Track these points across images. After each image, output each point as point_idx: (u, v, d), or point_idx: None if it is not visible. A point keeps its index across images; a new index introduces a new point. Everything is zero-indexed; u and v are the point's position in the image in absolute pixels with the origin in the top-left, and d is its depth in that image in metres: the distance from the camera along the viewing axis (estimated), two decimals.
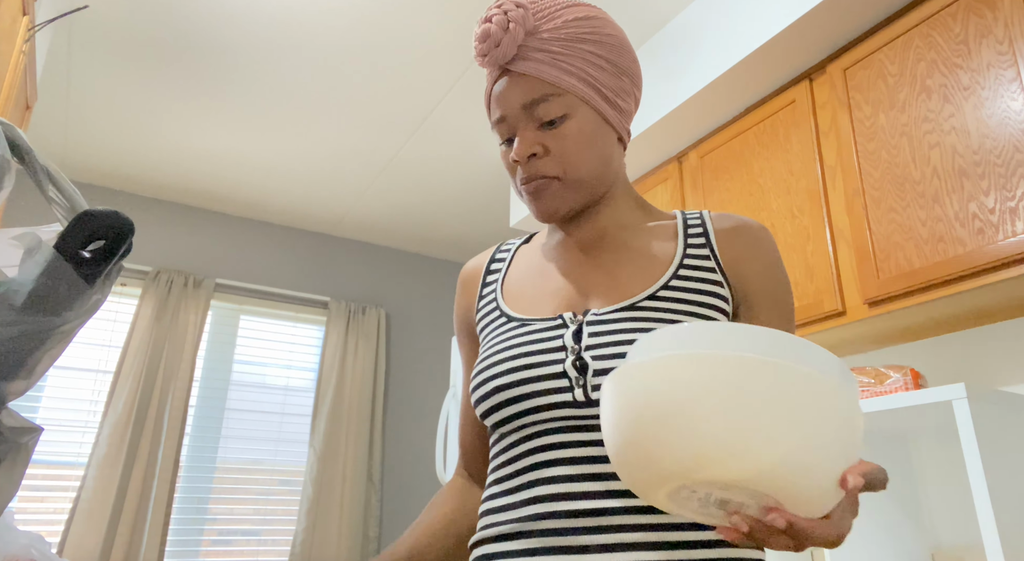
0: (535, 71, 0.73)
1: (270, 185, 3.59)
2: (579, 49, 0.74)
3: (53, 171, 0.54)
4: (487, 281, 0.88)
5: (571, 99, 0.74)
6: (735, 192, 2.19)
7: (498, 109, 0.77)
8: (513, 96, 0.75)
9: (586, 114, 0.75)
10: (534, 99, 0.74)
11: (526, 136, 0.75)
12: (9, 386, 0.49)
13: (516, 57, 0.74)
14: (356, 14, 2.39)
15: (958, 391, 1.39)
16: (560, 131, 0.74)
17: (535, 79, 0.74)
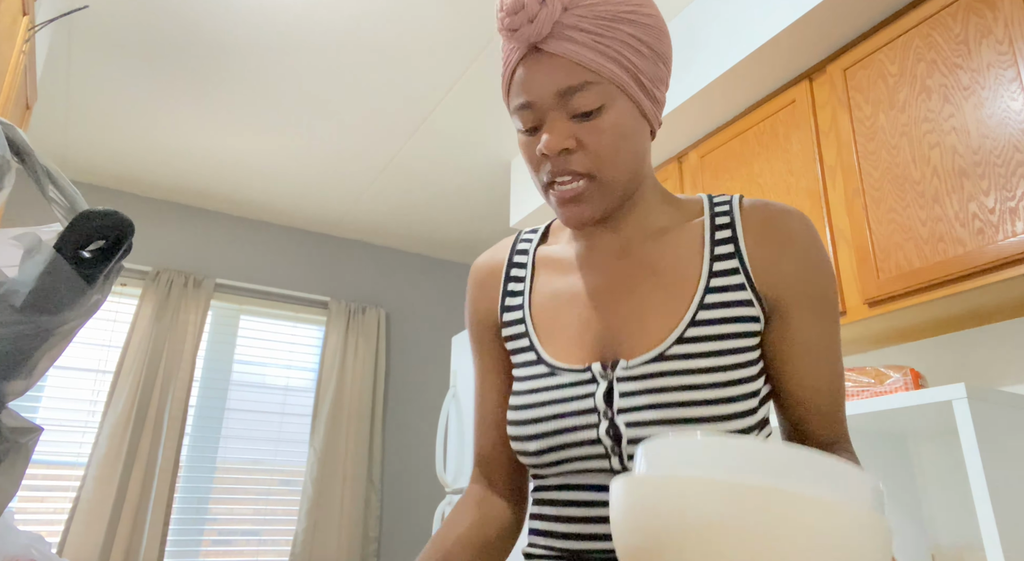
0: (573, 54, 0.65)
1: (270, 185, 3.59)
2: (619, 31, 0.66)
3: (53, 171, 0.54)
4: (510, 289, 0.82)
5: (610, 88, 0.66)
6: (735, 192, 2.19)
7: (524, 94, 0.68)
8: (546, 81, 0.66)
9: (624, 106, 0.67)
10: (571, 86, 0.65)
11: (558, 127, 0.67)
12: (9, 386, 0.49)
13: (550, 35, 0.65)
14: (357, 15, 2.39)
15: (958, 391, 1.39)
16: (596, 124, 0.66)
17: (572, 63, 0.65)
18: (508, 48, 0.70)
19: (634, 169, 0.70)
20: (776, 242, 0.71)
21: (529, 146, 0.71)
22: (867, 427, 1.79)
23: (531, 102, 0.68)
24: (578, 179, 0.68)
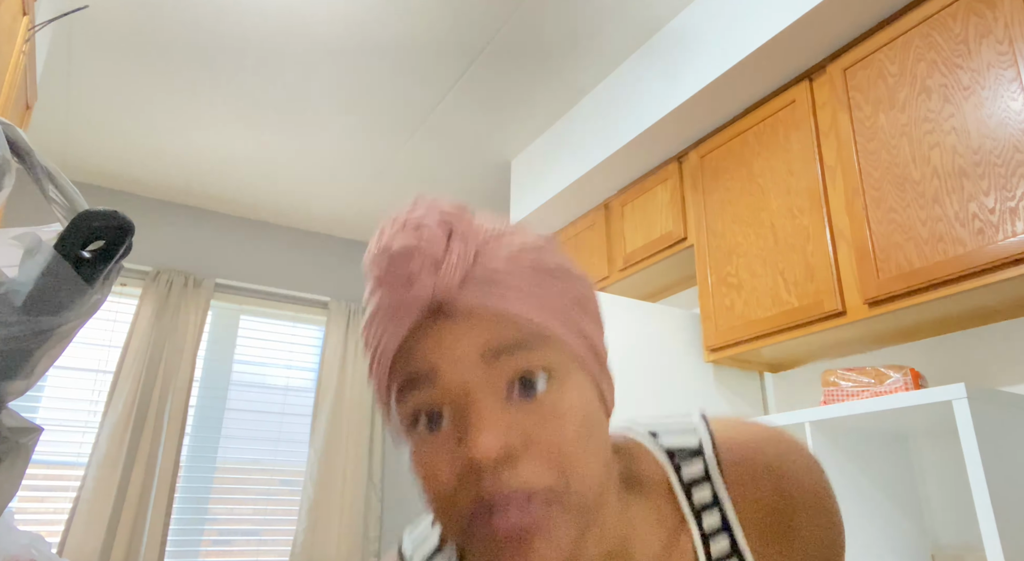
0: (504, 303, 0.43)
1: (270, 185, 3.59)
2: (552, 285, 0.46)
3: (53, 171, 0.54)
4: None
5: (558, 353, 0.44)
6: (735, 192, 2.19)
7: (426, 358, 0.43)
8: (468, 340, 0.43)
9: (578, 380, 0.45)
10: (508, 343, 0.43)
11: (491, 414, 0.41)
12: (9, 386, 0.49)
13: (461, 289, 0.43)
14: (357, 15, 2.39)
15: (958, 391, 1.39)
16: (548, 400, 0.43)
17: (502, 315, 0.43)
18: (388, 313, 0.45)
19: (604, 475, 0.45)
20: (780, 527, 0.52)
21: (433, 454, 0.43)
22: (867, 427, 1.79)
23: (437, 369, 0.43)
24: (531, 501, 0.41)
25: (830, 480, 0.54)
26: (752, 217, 2.12)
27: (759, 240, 2.07)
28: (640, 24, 2.44)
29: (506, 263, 0.44)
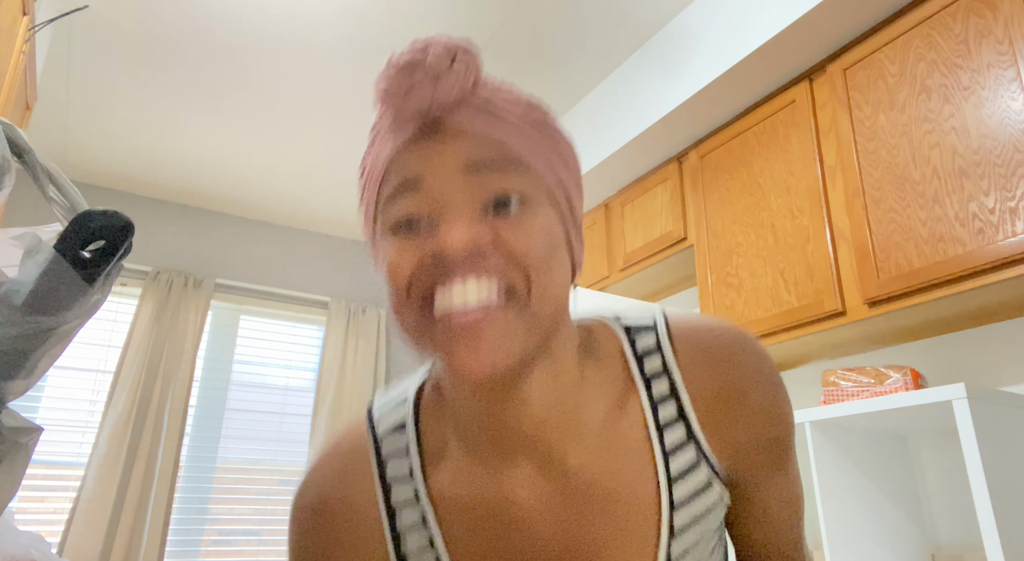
0: (492, 127, 0.46)
1: (270, 185, 3.59)
2: (541, 134, 0.49)
3: (53, 171, 0.54)
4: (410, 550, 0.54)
5: (537, 184, 0.47)
6: (735, 192, 2.19)
7: (416, 165, 0.46)
8: (453, 150, 0.46)
9: (550, 215, 0.48)
10: (487, 159, 0.45)
11: (467, 218, 0.45)
12: (9, 386, 0.49)
13: (456, 108, 0.46)
14: (356, 15, 2.39)
15: (958, 391, 1.39)
16: (521, 218, 0.46)
17: (488, 137, 0.46)
18: (387, 123, 0.48)
19: (562, 305, 0.49)
20: (730, 402, 0.53)
21: (404, 250, 0.46)
22: (867, 427, 1.79)
23: (419, 179, 0.45)
24: (490, 292, 0.44)
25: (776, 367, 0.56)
26: (752, 217, 2.12)
27: (759, 240, 2.07)
28: (640, 24, 2.44)
29: (502, 102, 0.48)
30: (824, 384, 1.80)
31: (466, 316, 0.44)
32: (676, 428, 0.53)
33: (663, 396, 0.53)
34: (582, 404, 0.52)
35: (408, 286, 0.45)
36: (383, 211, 0.48)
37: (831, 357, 2.16)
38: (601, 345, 0.56)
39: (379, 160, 0.48)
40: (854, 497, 1.70)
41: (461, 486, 0.53)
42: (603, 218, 2.82)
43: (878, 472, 1.79)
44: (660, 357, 0.54)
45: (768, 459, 0.55)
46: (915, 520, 1.80)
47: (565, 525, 0.51)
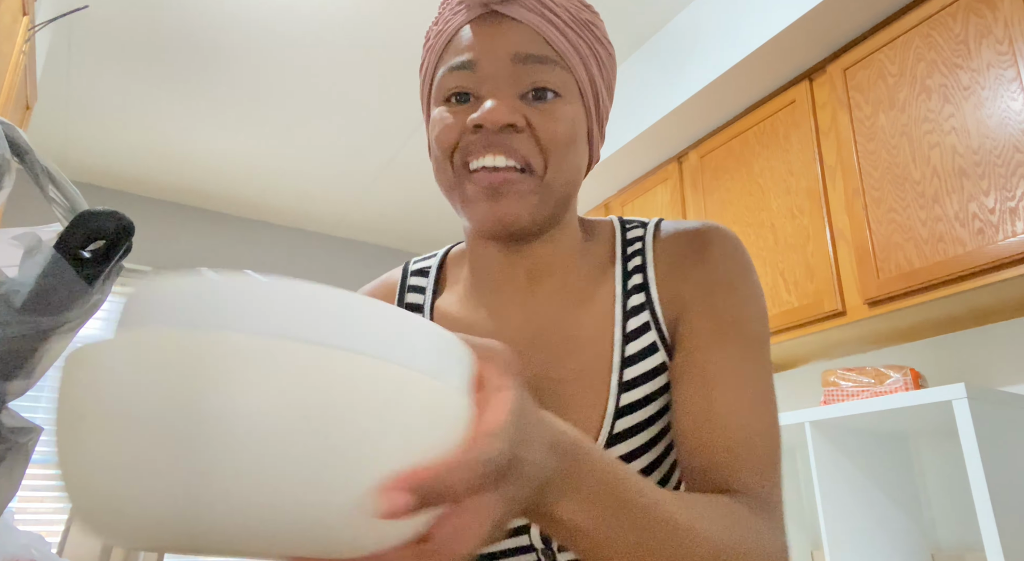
0: (540, 26, 0.54)
1: (270, 185, 3.59)
2: (586, 37, 0.57)
3: (53, 171, 0.54)
4: None
5: (570, 81, 0.56)
6: (735, 192, 2.19)
7: (467, 51, 0.54)
8: (503, 41, 0.54)
9: (579, 109, 0.57)
10: (532, 54, 0.54)
11: (507, 98, 0.53)
12: (9, 386, 0.49)
13: (516, 2, 0.55)
14: (356, 14, 2.39)
15: (958, 391, 1.39)
16: (552, 109, 0.54)
17: (537, 34, 0.54)
18: (451, 8, 0.57)
19: (575, 186, 0.58)
20: (682, 266, 0.59)
21: (452, 117, 0.55)
22: (867, 427, 1.79)
23: (475, 61, 0.54)
24: (514, 168, 0.54)
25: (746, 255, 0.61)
26: (752, 217, 2.12)
27: (759, 240, 2.08)
28: (640, 24, 2.44)
29: (556, 2, 0.55)
30: (824, 384, 1.80)
31: (491, 178, 0.53)
32: (639, 295, 0.60)
33: (635, 268, 0.61)
34: (571, 269, 0.62)
35: (451, 150, 0.55)
36: (439, 80, 0.56)
37: (831, 357, 2.16)
38: (599, 230, 0.66)
39: (442, 35, 0.57)
40: (854, 497, 1.70)
41: (458, 321, 0.64)
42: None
43: (878, 472, 1.79)
44: (642, 241, 0.63)
45: (712, 328, 0.56)
46: (915, 520, 1.80)
47: (536, 363, 0.60)
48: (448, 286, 0.67)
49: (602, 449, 0.41)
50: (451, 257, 0.70)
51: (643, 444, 0.57)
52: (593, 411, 0.57)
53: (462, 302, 0.65)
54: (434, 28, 0.58)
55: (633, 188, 2.68)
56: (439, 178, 0.57)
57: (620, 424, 0.57)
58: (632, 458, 0.57)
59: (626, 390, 0.57)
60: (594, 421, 0.57)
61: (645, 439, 0.57)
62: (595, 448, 0.39)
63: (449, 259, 0.70)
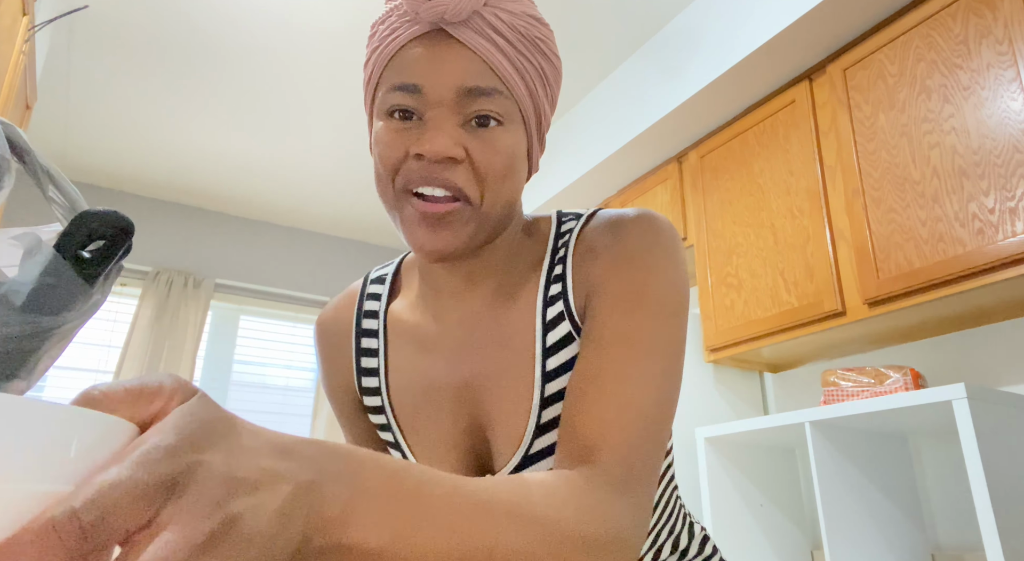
0: (489, 54, 0.54)
1: (270, 185, 3.59)
2: (533, 56, 0.57)
3: (53, 171, 0.54)
4: (364, 366, 0.69)
5: (513, 108, 0.57)
6: (735, 192, 2.19)
7: (417, 75, 0.54)
8: (453, 71, 0.54)
9: (519, 133, 0.58)
10: (479, 87, 0.54)
11: (448, 129, 0.54)
12: (9, 386, 0.49)
13: (466, 23, 0.54)
14: (356, 14, 2.39)
15: (958, 391, 1.39)
16: (492, 139, 0.55)
17: (485, 64, 0.55)
18: (400, 19, 0.56)
19: (511, 206, 0.59)
20: (595, 249, 0.60)
21: (395, 137, 0.56)
22: (867, 427, 1.79)
23: (420, 86, 0.54)
24: (453, 198, 0.55)
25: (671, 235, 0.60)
26: (752, 217, 2.12)
27: (759, 240, 2.07)
28: (641, 24, 2.44)
29: (509, 17, 0.56)
30: (824, 384, 1.80)
31: (429, 207, 0.55)
32: (556, 284, 0.61)
33: (559, 259, 0.63)
34: (508, 270, 0.64)
35: (393, 172, 0.56)
36: (384, 94, 0.57)
37: (831, 357, 2.16)
38: (539, 229, 0.67)
39: (389, 44, 0.56)
40: (854, 497, 1.70)
41: (406, 326, 0.68)
42: None
43: (878, 472, 1.79)
44: (570, 234, 0.64)
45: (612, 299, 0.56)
46: (915, 520, 1.80)
47: (470, 363, 0.63)
48: (402, 291, 0.71)
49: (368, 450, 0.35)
50: (406, 264, 0.73)
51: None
52: (522, 404, 0.59)
53: (412, 307, 0.68)
54: (380, 28, 0.58)
55: (633, 188, 2.68)
56: (380, 193, 0.59)
57: (547, 414, 0.58)
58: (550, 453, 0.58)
59: (549, 380, 0.59)
60: (523, 413, 0.59)
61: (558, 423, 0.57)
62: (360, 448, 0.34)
63: (404, 266, 0.73)
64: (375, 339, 0.69)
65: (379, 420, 0.68)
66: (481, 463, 0.63)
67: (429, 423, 0.64)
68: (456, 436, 0.63)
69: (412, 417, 0.65)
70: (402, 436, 0.66)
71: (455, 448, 0.63)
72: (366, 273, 0.75)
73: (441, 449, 0.63)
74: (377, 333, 0.69)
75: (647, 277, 0.56)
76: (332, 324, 0.73)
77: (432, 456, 0.63)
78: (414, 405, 0.65)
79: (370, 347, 0.69)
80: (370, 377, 0.68)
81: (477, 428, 0.62)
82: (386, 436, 0.68)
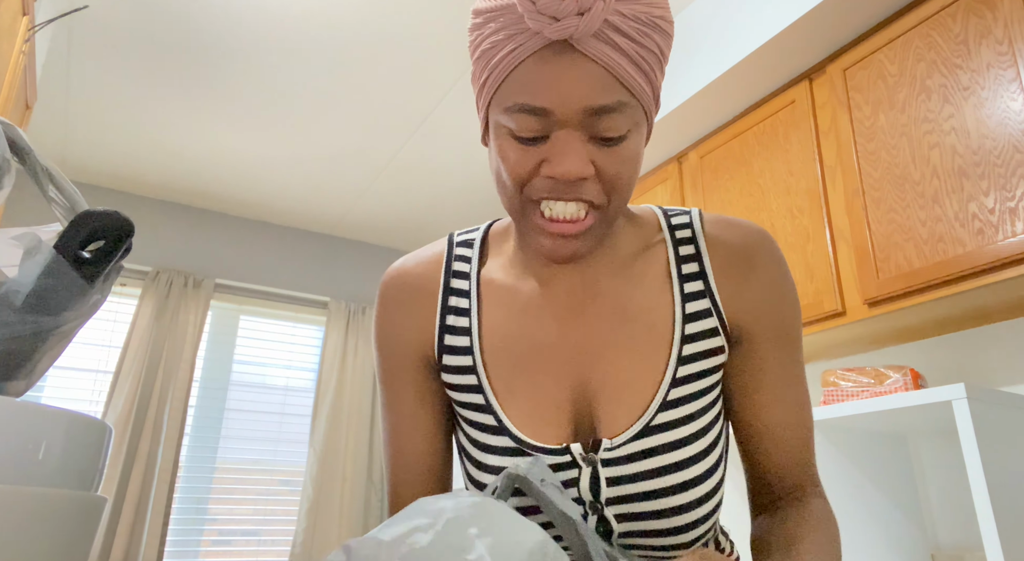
0: (615, 65, 0.52)
1: (270, 185, 3.59)
2: (652, 40, 0.54)
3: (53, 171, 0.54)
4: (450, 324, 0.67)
5: (638, 111, 0.55)
6: (735, 192, 2.19)
7: (542, 97, 0.52)
8: (579, 91, 0.52)
9: (643, 132, 0.58)
10: (606, 106, 0.52)
11: (578, 149, 0.53)
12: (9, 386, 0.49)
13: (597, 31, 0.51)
14: (356, 14, 2.39)
15: (958, 391, 1.39)
16: (619, 151, 0.55)
17: (611, 77, 0.52)
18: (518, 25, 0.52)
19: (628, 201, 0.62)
20: (743, 269, 0.65)
21: (523, 155, 0.55)
22: (867, 427, 1.79)
23: (548, 110, 0.52)
24: (584, 210, 0.56)
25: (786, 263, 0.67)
26: (752, 217, 2.12)
27: None
28: None
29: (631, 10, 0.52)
30: (824, 384, 1.80)
31: (563, 228, 0.56)
32: (696, 282, 0.65)
33: (688, 256, 0.66)
34: (618, 245, 0.66)
35: (520, 186, 0.56)
36: (504, 113, 0.55)
37: (831, 357, 2.16)
38: (640, 214, 0.70)
39: (508, 59, 0.53)
40: (854, 497, 1.70)
41: (505, 290, 0.67)
42: None
43: (878, 472, 1.79)
44: (691, 229, 0.67)
45: (773, 335, 0.65)
46: (915, 520, 1.80)
47: (586, 328, 0.64)
48: (492, 256, 0.70)
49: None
50: (494, 231, 0.73)
51: (691, 413, 0.62)
52: (648, 377, 0.62)
53: (506, 270, 0.68)
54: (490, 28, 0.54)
55: None
56: (504, 199, 0.59)
57: (674, 393, 0.62)
58: (680, 424, 0.61)
59: (684, 364, 0.62)
60: (649, 386, 0.62)
61: (694, 409, 0.62)
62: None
63: (492, 232, 0.73)
64: (466, 299, 0.68)
65: (462, 381, 0.66)
66: (584, 426, 0.63)
67: (529, 385, 0.64)
68: (560, 399, 0.63)
69: (508, 378, 0.64)
70: (495, 396, 0.64)
71: (558, 409, 0.63)
72: (447, 235, 0.74)
73: (542, 411, 0.63)
74: (468, 293, 0.68)
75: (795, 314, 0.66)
76: (413, 278, 0.70)
77: (532, 417, 0.63)
78: (512, 366, 0.64)
79: (460, 306, 0.68)
80: (458, 335, 0.67)
81: (584, 393, 0.63)
82: (467, 397, 0.66)
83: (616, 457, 0.60)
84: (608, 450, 0.60)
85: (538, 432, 0.62)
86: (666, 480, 0.59)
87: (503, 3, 0.53)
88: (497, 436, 0.63)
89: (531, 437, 0.62)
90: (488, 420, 0.64)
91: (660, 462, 0.59)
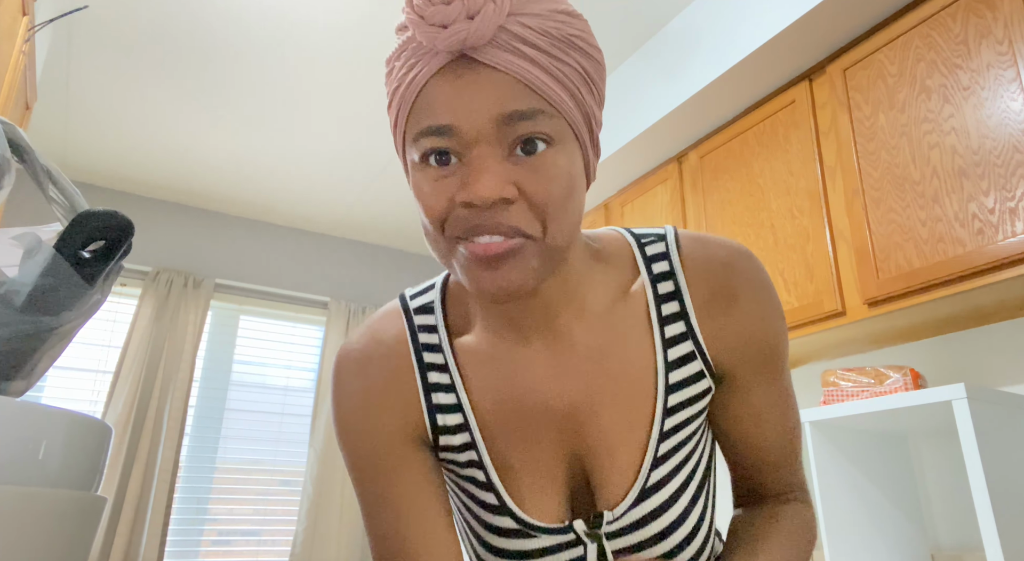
0: (522, 70, 0.47)
1: (270, 185, 3.59)
2: (571, 57, 0.50)
3: (53, 171, 0.54)
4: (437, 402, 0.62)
5: (561, 124, 0.50)
6: (735, 192, 2.19)
7: (445, 114, 0.48)
8: (483, 100, 0.47)
9: (572, 150, 0.51)
10: (517, 111, 0.47)
11: (493, 167, 0.48)
12: (9, 386, 0.49)
13: (490, 42, 0.47)
14: (356, 14, 2.39)
15: (958, 391, 1.39)
16: (542, 166, 0.49)
17: (520, 83, 0.48)
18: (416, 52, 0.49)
19: (576, 230, 0.53)
20: (725, 303, 0.60)
21: (436, 187, 0.50)
22: (867, 427, 1.79)
23: (453, 127, 0.48)
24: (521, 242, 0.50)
25: (771, 283, 0.63)
26: (752, 217, 2.12)
27: (759, 240, 2.08)
28: (640, 24, 2.44)
29: (537, 22, 0.48)
30: (824, 384, 1.80)
31: (488, 249, 0.49)
32: (677, 323, 0.61)
33: (668, 294, 0.61)
34: (590, 297, 0.61)
35: (441, 223, 0.51)
36: (413, 141, 0.50)
37: (831, 357, 2.16)
38: (611, 250, 0.64)
39: (411, 84, 0.50)
40: (854, 497, 1.70)
41: (482, 356, 0.62)
42: (603, 218, 2.82)
43: (878, 472, 1.79)
44: (668, 262, 0.62)
45: (758, 362, 0.62)
46: (915, 520, 1.80)
47: (570, 391, 0.60)
48: (457, 325, 0.64)
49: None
50: (452, 290, 0.66)
51: (682, 460, 0.61)
52: (635, 434, 0.59)
53: (478, 335, 0.62)
54: (397, 65, 0.51)
55: (633, 188, 2.68)
56: (430, 246, 0.53)
57: (663, 447, 0.59)
58: (674, 474, 0.60)
59: (670, 415, 0.60)
60: (637, 444, 0.59)
61: (683, 456, 0.61)
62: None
63: (449, 292, 0.66)
64: (446, 374, 0.62)
65: (462, 458, 0.62)
66: (581, 495, 0.61)
67: (525, 458, 0.60)
68: (554, 467, 0.60)
69: (504, 452, 0.61)
70: (495, 472, 0.61)
71: (554, 481, 0.60)
72: (396, 302, 0.67)
73: (540, 484, 0.60)
74: (446, 367, 0.62)
75: (780, 338, 0.63)
76: (380, 360, 0.62)
77: (531, 491, 0.60)
78: (506, 439, 0.60)
79: (442, 382, 0.62)
80: (449, 414, 0.61)
81: (576, 458, 0.60)
82: (468, 472, 0.62)
83: (619, 528, 0.59)
84: (610, 522, 0.58)
85: (537, 507, 0.60)
86: (670, 541, 0.59)
87: (403, 37, 0.51)
88: (498, 516, 0.61)
89: (531, 515, 0.60)
90: (489, 498, 0.61)
91: (662, 524, 0.58)
